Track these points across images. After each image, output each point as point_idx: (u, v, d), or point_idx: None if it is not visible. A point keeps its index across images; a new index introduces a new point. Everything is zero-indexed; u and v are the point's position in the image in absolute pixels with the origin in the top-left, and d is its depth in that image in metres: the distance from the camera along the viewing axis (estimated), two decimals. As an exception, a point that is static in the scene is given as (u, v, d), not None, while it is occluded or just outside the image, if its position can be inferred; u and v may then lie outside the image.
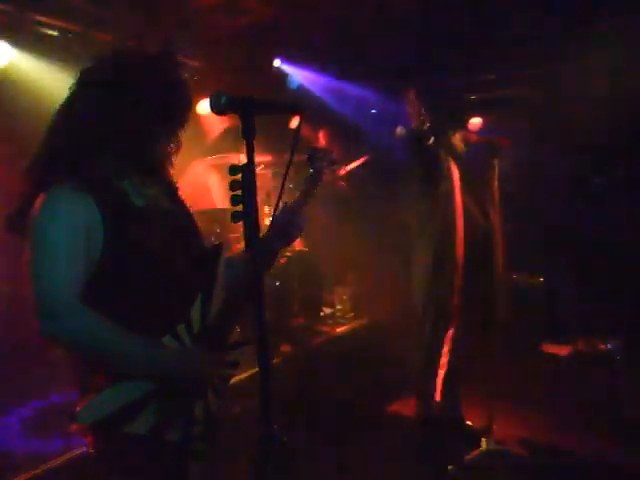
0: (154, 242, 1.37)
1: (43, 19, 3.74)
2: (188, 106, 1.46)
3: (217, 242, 1.64)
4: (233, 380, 1.60)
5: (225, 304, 1.49)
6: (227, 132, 4.91)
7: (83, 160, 1.34)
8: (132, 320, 1.30)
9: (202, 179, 4.72)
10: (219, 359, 1.48)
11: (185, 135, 1.49)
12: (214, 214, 3.99)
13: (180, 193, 1.59)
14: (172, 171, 1.55)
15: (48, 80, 3.69)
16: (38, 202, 1.29)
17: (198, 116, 4.52)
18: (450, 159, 3.08)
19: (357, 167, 5.22)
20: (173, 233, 1.44)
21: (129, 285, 1.34)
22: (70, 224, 1.27)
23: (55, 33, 3.81)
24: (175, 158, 1.51)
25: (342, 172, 5.24)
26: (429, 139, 2.96)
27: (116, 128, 1.35)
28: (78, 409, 1.28)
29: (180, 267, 1.43)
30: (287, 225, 1.59)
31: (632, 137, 4.15)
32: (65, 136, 1.36)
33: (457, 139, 3.20)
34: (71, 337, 1.24)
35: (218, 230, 3.90)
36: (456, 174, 3.10)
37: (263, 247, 1.48)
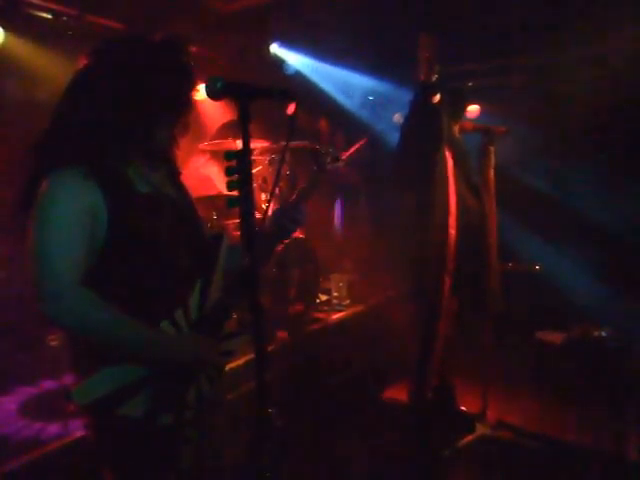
0: (156, 228, 1.38)
1: (36, 1, 3.68)
2: (192, 90, 1.46)
3: (219, 230, 1.64)
4: (229, 366, 1.61)
5: (223, 292, 1.49)
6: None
7: (88, 145, 1.33)
8: (131, 304, 1.31)
9: (204, 171, 4.68)
10: (215, 346, 1.48)
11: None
12: (211, 200, 3.96)
13: (182, 181, 1.59)
14: (176, 157, 1.55)
15: (41, 64, 3.64)
16: (42, 185, 1.28)
17: (197, 105, 4.45)
18: (445, 145, 3.02)
19: (356, 152, 5.17)
20: (175, 220, 1.45)
21: (130, 270, 1.35)
22: (74, 207, 1.27)
23: (49, 16, 3.75)
24: (180, 143, 1.51)
25: (343, 158, 5.20)
26: (435, 95, 2.72)
27: (121, 113, 1.35)
28: (74, 389, 1.30)
29: (181, 253, 1.44)
30: (287, 219, 1.59)
31: (631, 120, 4.14)
32: (70, 121, 1.35)
33: (455, 130, 3.18)
34: (71, 318, 1.25)
35: (215, 216, 3.87)
36: (450, 160, 3.05)
37: (261, 239, 1.48)
